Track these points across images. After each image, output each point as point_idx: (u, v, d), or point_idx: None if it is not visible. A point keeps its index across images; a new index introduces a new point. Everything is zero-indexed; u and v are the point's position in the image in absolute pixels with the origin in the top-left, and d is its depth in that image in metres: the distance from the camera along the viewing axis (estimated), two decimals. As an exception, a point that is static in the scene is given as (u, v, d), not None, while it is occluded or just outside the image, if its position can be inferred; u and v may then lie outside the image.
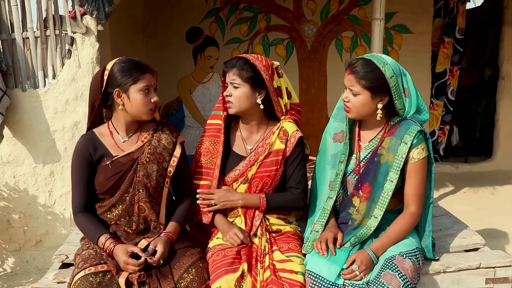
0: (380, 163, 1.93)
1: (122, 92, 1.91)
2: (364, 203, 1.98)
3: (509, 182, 4.88)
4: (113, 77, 1.92)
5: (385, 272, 1.77)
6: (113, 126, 2.02)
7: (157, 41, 4.89)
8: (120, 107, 1.93)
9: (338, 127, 2.10)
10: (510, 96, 5.16)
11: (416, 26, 5.00)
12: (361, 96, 1.88)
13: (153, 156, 1.97)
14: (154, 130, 2.03)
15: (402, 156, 1.88)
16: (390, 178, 1.90)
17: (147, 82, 1.92)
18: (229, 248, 1.93)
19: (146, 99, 1.92)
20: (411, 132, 1.87)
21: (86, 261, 1.84)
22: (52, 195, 3.14)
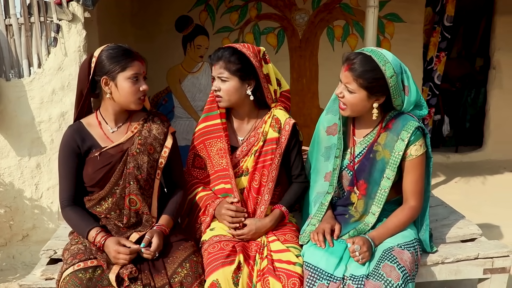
0: (376, 160, 1.89)
1: (109, 80, 1.84)
2: (361, 200, 1.95)
3: (499, 172, 4.90)
4: (101, 64, 1.84)
5: (383, 263, 1.74)
6: (102, 116, 1.94)
7: (146, 30, 4.78)
8: (108, 95, 1.86)
9: (332, 120, 2.06)
10: (501, 86, 5.16)
11: (408, 15, 4.95)
12: (357, 95, 1.81)
13: (143, 147, 1.90)
14: (144, 120, 1.96)
15: (399, 153, 1.84)
16: (387, 175, 1.87)
17: (135, 69, 1.84)
18: (226, 241, 1.88)
19: (135, 88, 1.85)
20: (408, 129, 1.83)
21: (75, 256, 1.77)
22: (38, 188, 3.04)
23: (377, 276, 1.72)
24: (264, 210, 2.03)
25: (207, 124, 2.10)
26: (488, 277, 2.06)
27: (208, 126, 2.10)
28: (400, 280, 1.69)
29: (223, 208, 1.96)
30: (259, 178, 2.04)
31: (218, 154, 2.08)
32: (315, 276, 1.74)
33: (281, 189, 2.18)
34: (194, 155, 2.15)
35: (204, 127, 2.10)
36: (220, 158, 2.07)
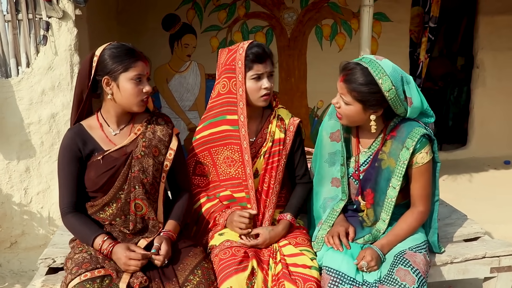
0: (382, 168, 1.86)
1: (111, 80, 1.76)
2: (370, 209, 1.93)
3: (484, 169, 5.00)
4: (103, 64, 1.76)
5: (397, 268, 1.73)
6: (103, 118, 1.86)
7: (131, 28, 4.66)
8: (109, 96, 1.78)
9: (335, 126, 2.02)
10: (484, 85, 5.26)
11: (395, 15, 4.99)
12: (352, 107, 1.77)
13: (148, 150, 1.83)
14: (148, 121, 1.89)
15: (404, 162, 1.80)
16: (393, 185, 1.83)
17: (139, 70, 1.76)
18: (237, 246, 1.83)
19: (137, 89, 1.77)
20: (413, 136, 1.78)
21: (81, 266, 1.68)
22: (28, 193, 2.92)
23: (391, 281, 1.70)
24: (272, 213, 1.99)
25: (212, 131, 2.02)
26: (494, 275, 2.08)
27: (213, 134, 2.02)
28: (416, 283, 1.68)
29: (236, 215, 1.91)
30: (268, 180, 2.00)
31: (225, 163, 2.02)
32: (337, 281, 1.70)
33: (286, 191, 2.15)
34: (195, 162, 2.08)
35: (209, 134, 2.02)
36: (227, 167, 2.02)
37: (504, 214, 3.78)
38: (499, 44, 5.17)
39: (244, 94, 1.92)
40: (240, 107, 1.93)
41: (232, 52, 1.94)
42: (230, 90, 1.95)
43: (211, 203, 2.02)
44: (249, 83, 1.92)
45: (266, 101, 1.96)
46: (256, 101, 1.95)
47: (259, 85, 1.92)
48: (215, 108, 2.03)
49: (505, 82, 5.26)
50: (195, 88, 4.95)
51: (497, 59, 5.20)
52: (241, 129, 1.95)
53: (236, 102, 1.94)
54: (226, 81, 1.96)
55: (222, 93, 1.98)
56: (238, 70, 1.91)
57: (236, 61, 1.91)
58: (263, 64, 1.91)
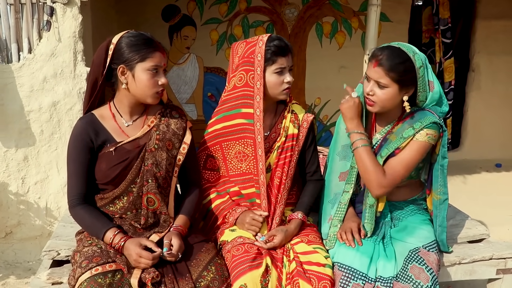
0: (383, 146, 1.88)
1: (127, 69, 1.70)
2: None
3: (477, 171, 5.06)
4: (119, 52, 1.71)
5: (411, 265, 1.74)
6: (116, 108, 1.81)
7: (130, 18, 4.57)
8: (124, 86, 1.73)
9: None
10: (479, 88, 5.32)
11: (395, 15, 5.00)
12: (389, 89, 1.78)
13: (162, 143, 1.79)
14: (162, 114, 1.84)
15: (404, 137, 1.82)
16: (381, 154, 1.84)
17: (156, 61, 1.71)
18: (250, 243, 1.81)
19: (153, 80, 1.72)
20: (424, 121, 1.81)
21: (91, 259, 1.64)
22: (25, 183, 2.84)
23: (405, 278, 1.71)
24: (282, 209, 1.98)
25: (225, 124, 1.99)
26: (500, 277, 2.10)
27: (227, 127, 1.99)
28: (430, 282, 1.69)
29: (248, 218, 1.89)
30: (280, 175, 1.98)
31: (236, 158, 1.99)
32: (349, 276, 1.70)
33: (297, 188, 2.13)
34: (206, 156, 2.05)
35: (222, 127, 1.99)
36: (238, 162, 1.99)
37: (498, 216, 3.84)
38: (495, 48, 5.23)
39: (262, 87, 1.89)
40: (257, 100, 1.90)
41: (251, 45, 1.91)
42: (247, 83, 1.92)
43: (221, 199, 1.99)
44: (272, 77, 1.89)
45: (287, 94, 1.94)
46: (277, 95, 1.93)
47: (281, 79, 1.89)
48: (230, 101, 1.99)
49: (499, 86, 5.32)
50: (193, 81, 4.89)
51: (493, 63, 5.26)
52: (256, 123, 1.92)
53: (252, 96, 1.91)
54: (243, 74, 1.93)
55: (238, 86, 1.95)
56: (257, 63, 1.88)
57: (255, 54, 1.88)
58: (285, 57, 1.88)
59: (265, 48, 1.86)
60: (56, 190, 2.88)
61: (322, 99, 5.16)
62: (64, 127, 2.80)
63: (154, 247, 1.68)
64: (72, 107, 2.79)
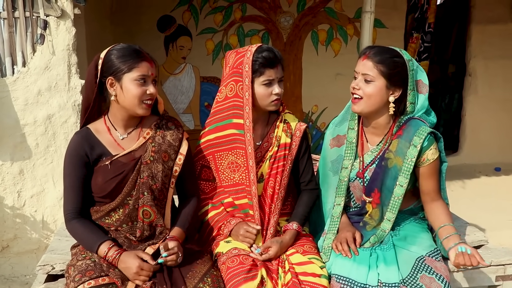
0: (388, 167, 1.86)
1: (115, 80, 1.70)
2: (376, 209, 1.92)
3: (476, 176, 5.04)
4: (108, 64, 1.71)
5: (421, 274, 1.73)
6: (110, 122, 1.81)
7: (126, 29, 4.59)
8: (112, 97, 1.72)
9: (334, 132, 2.03)
10: (476, 92, 5.32)
11: (390, 21, 5.02)
12: (376, 83, 1.78)
13: (157, 155, 1.78)
14: (157, 125, 1.83)
15: (412, 160, 1.80)
16: (400, 183, 1.83)
17: (143, 71, 1.70)
18: (245, 254, 1.79)
19: (141, 90, 1.70)
20: (420, 134, 1.79)
21: (84, 273, 1.62)
22: (21, 196, 2.83)
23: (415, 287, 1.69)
24: (277, 219, 1.96)
25: (218, 135, 1.98)
26: (499, 284, 2.08)
27: (219, 138, 1.98)
28: None
29: (242, 230, 1.87)
30: (273, 185, 1.96)
31: (229, 168, 1.98)
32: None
33: (292, 198, 2.12)
34: (201, 166, 2.04)
35: (215, 138, 1.98)
36: (231, 172, 1.97)
37: (498, 221, 3.82)
38: (491, 52, 5.24)
39: (251, 98, 1.88)
40: (246, 111, 1.90)
41: (240, 55, 1.91)
42: (237, 93, 1.91)
43: (216, 211, 1.98)
44: (260, 89, 1.88)
45: (276, 105, 1.93)
46: (266, 106, 1.92)
47: (269, 91, 1.89)
48: (221, 112, 1.98)
49: (496, 90, 5.33)
50: (190, 91, 4.90)
51: (489, 68, 5.27)
52: (246, 134, 1.91)
53: (242, 106, 1.91)
54: (233, 84, 1.92)
55: (229, 96, 1.94)
56: (245, 74, 1.88)
57: (243, 65, 1.88)
58: (274, 69, 1.87)
59: (252, 58, 1.86)
60: (53, 203, 2.86)
61: (319, 107, 5.16)
62: (60, 140, 2.80)
63: (150, 260, 1.67)
64: (67, 120, 2.78)
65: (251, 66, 1.86)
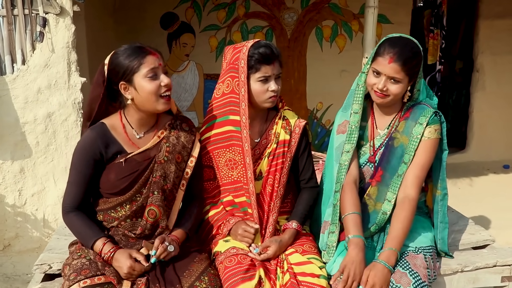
0: (394, 147, 1.85)
1: (127, 84, 1.66)
2: (375, 187, 1.88)
3: (484, 173, 4.98)
4: (114, 71, 1.68)
5: (396, 269, 1.68)
6: (127, 120, 1.76)
7: (129, 27, 4.57)
8: (129, 101, 1.69)
9: (342, 118, 1.98)
10: (484, 89, 5.24)
11: (395, 17, 4.96)
12: (402, 83, 1.79)
13: (171, 155, 1.75)
14: (171, 125, 1.80)
15: (417, 136, 1.80)
16: (405, 160, 1.81)
17: (150, 64, 1.65)
18: (243, 254, 1.75)
19: (155, 84, 1.65)
20: (426, 114, 1.80)
21: (79, 272, 1.60)
22: (22, 195, 2.83)
23: None
24: (276, 217, 1.92)
25: (216, 131, 1.95)
26: (505, 284, 2.02)
27: (217, 134, 1.94)
28: (411, 286, 1.62)
29: (240, 229, 1.84)
30: (272, 183, 1.93)
31: (227, 166, 1.94)
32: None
33: (292, 196, 2.08)
34: (202, 166, 2.01)
35: (213, 135, 1.95)
36: (229, 170, 1.94)
37: (506, 220, 3.75)
38: (499, 48, 5.16)
39: (246, 94, 1.85)
40: (242, 107, 1.86)
41: (237, 51, 1.87)
42: (234, 90, 1.88)
43: (215, 210, 1.95)
44: (256, 85, 1.85)
45: (273, 102, 1.89)
46: (262, 103, 1.89)
47: (265, 88, 1.85)
48: (219, 108, 1.95)
49: (504, 87, 5.24)
50: (193, 88, 4.88)
51: (497, 63, 5.19)
52: (242, 131, 1.87)
53: (239, 103, 1.87)
54: (230, 80, 1.89)
55: (226, 92, 1.91)
56: (240, 70, 1.84)
57: (239, 60, 1.84)
58: (270, 65, 1.83)
59: (248, 54, 1.82)
60: (53, 202, 2.86)
61: (324, 104, 5.11)
62: (60, 138, 2.78)
63: (143, 260, 1.64)
64: (67, 118, 2.77)
65: (246, 61, 1.82)
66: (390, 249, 1.70)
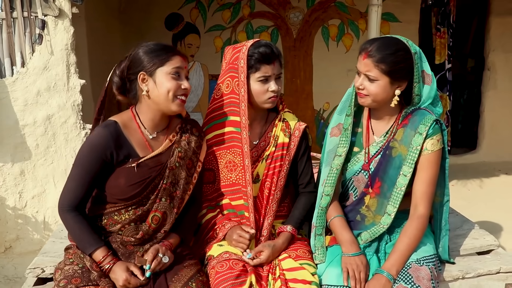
0: (392, 157, 1.77)
1: (147, 75, 1.62)
2: (374, 199, 1.81)
3: (495, 174, 4.86)
4: (137, 61, 1.64)
5: (398, 284, 1.63)
6: (139, 119, 1.70)
7: (134, 28, 4.58)
8: (144, 93, 1.63)
9: (337, 120, 1.92)
10: (495, 87, 5.12)
11: (403, 15, 4.87)
12: (379, 82, 1.69)
13: (183, 161, 1.72)
14: (182, 129, 1.75)
15: (417, 147, 1.70)
16: (404, 172, 1.73)
17: (177, 63, 1.62)
18: (236, 259, 1.72)
19: (176, 84, 1.62)
20: (426, 122, 1.70)
21: (70, 280, 1.57)
22: (22, 197, 2.83)
23: None
24: (271, 222, 1.88)
25: (216, 133, 1.91)
26: (509, 292, 1.95)
27: (218, 136, 1.91)
28: None
29: (235, 234, 1.80)
30: (269, 186, 1.89)
31: (226, 168, 1.91)
32: None
33: (289, 200, 2.04)
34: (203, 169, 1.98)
35: (214, 136, 1.92)
36: (228, 172, 1.91)
37: (516, 222, 3.64)
38: (511, 45, 5.02)
39: (246, 95, 1.81)
40: (242, 108, 1.82)
41: (236, 50, 1.84)
42: (234, 90, 1.84)
43: (212, 214, 1.92)
44: (256, 85, 1.81)
45: (273, 102, 1.85)
46: (262, 103, 1.85)
47: (265, 88, 1.81)
48: (218, 109, 1.91)
49: (517, 85, 5.12)
50: (199, 89, 4.86)
51: (509, 61, 5.06)
52: (242, 132, 1.84)
53: (238, 103, 1.83)
54: (230, 80, 1.85)
55: (226, 93, 1.87)
56: (240, 70, 1.81)
57: (238, 60, 1.81)
58: (270, 65, 1.80)
59: (248, 53, 1.79)
60: (54, 204, 2.86)
61: (330, 104, 5.05)
62: (60, 140, 2.78)
63: (140, 275, 1.61)
64: (66, 120, 2.77)
65: (246, 61, 1.79)
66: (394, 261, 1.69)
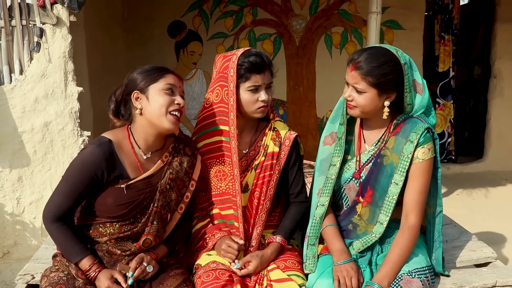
0: (384, 165, 1.74)
1: (140, 93, 1.62)
2: (366, 208, 1.78)
3: (501, 184, 4.77)
4: (132, 82, 1.65)
5: None
6: (134, 139, 1.69)
7: (137, 35, 4.61)
8: (137, 111, 1.62)
9: (329, 129, 1.90)
10: (502, 95, 5.05)
11: (407, 23, 4.84)
12: (367, 94, 1.66)
13: (174, 183, 1.71)
14: (174, 149, 1.74)
15: (408, 156, 1.68)
16: (395, 181, 1.70)
17: (170, 80, 1.62)
18: (223, 269, 1.70)
19: (168, 99, 1.61)
20: (417, 130, 1.67)
21: (55, 287, 1.58)
22: (20, 203, 2.85)
23: None
24: (260, 232, 1.86)
25: (206, 142, 1.90)
26: (506, 306, 1.90)
27: (208, 145, 1.90)
28: None
29: (224, 245, 1.78)
30: (258, 196, 1.87)
31: (216, 177, 1.89)
32: None
33: (280, 210, 2.01)
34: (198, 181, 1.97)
35: (204, 145, 1.90)
36: (218, 181, 1.89)
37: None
38: (517, 53, 4.97)
39: (235, 104, 1.80)
40: (231, 117, 1.81)
41: (226, 59, 1.83)
42: (223, 99, 1.83)
43: (202, 223, 1.91)
44: (245, 95, 1.79)
45: (263, 112, 1.84)
46: (252, 113, 1.83)
47: (255, 97, 1.80)
48: (208, 118, 1.90)
49: (523, 93, 5.05)
50: (201, 96, 4.87)
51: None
52: (231, 141, 1.82)
53: (227, 112, 1.82)
54: (219, 89, 1.84)
55: (215, 102, 1.87)
56: (230, 79, 1.79)
57: (228, 69, 1.80)
58: (261, 74, 1.78)
59: (237, 63, 1.78)
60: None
61: (334, 112, 5.02)
62: (57, 147, 2.80)
63: (123, 282, 1.60)
64: (64, 127, 2.79)
65: (236, 70, 1.77)
66: (385, 272, 1.65)
